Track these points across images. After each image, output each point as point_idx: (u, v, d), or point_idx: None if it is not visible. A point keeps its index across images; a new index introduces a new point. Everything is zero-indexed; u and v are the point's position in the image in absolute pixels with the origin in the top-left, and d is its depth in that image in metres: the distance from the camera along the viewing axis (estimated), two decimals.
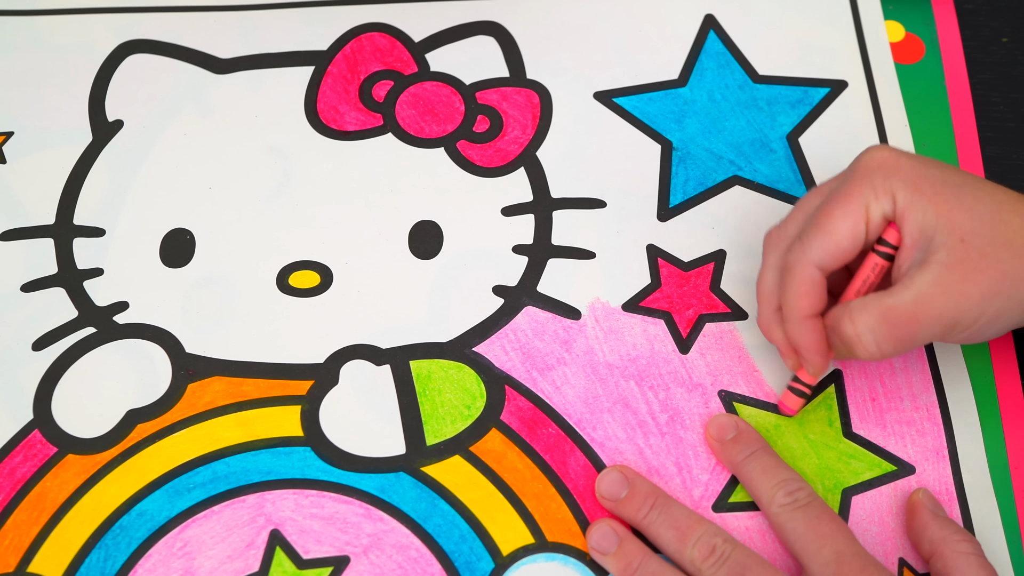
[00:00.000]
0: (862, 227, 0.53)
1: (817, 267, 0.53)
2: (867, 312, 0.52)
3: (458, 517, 0.56)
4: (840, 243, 0.53)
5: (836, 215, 0.53)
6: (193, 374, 0.59)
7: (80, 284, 0.61)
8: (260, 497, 0.56)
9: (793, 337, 0.55)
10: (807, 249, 0.53)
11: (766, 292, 0.56)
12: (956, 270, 0.51)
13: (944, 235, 0.51)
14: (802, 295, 0.54)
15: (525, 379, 0.59)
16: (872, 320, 0.52)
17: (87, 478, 0.56)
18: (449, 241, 0.63)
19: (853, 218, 0.53)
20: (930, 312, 0.51)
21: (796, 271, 0.54)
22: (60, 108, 0.66)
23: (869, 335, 0.52)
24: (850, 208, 0.53)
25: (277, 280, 0.61)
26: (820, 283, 0.54)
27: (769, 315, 0.56)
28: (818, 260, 0.53)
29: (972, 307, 0.51)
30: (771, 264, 0.56)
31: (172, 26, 0.69)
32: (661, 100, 0.67)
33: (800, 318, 0.54)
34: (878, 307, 0.52)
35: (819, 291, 0.54)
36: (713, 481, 0.57)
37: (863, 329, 0.52)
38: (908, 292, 0.51)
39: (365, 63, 0.68)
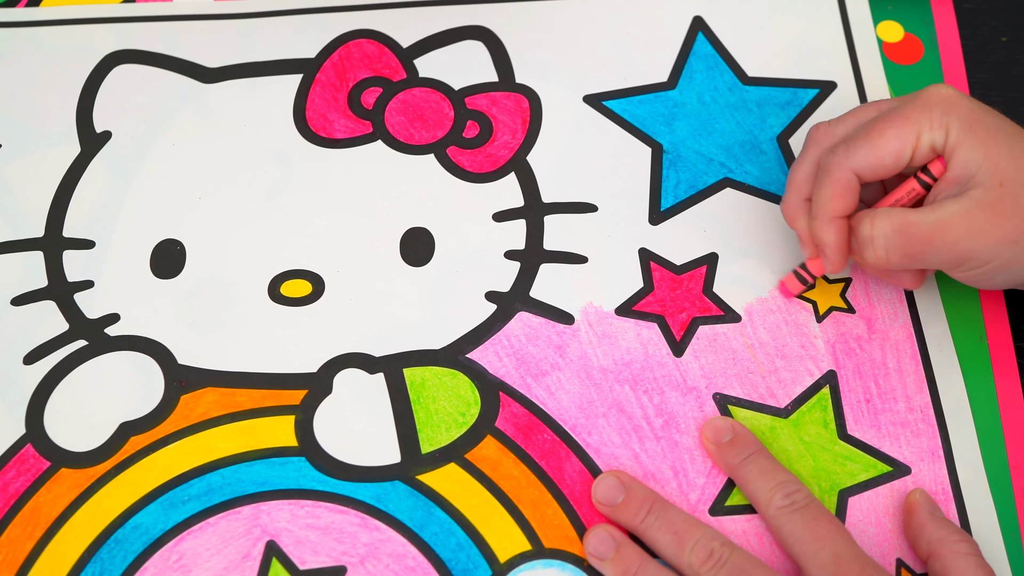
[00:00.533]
0: (909, 151, 0.55)
1: (856, 173, 0.55)
2: (888, 219, 0.54)
3: (454, 525, 0.55)
4: (884, 159, 0.55)
5: (888, 132, 0.55)
6: (186, 385, 0.58)
7: (71, 297, 0.61)
8: (255, 508, 0.56)
9: (818, 234, 0.57)
10: (851, 154, 0.55)
11: (799, 181, 0.58)
12: (986, 209, 0.53)
13: (986, 175, 0.53)
14: (835, 196, 0.55)
15: (519, 385, 0.59)
16: (890, 227, 0.54)
17: (81, 492, 0.56)
18: (441, 248, 0.62)
19: (903, 140, 0.55)
20: (946, 238, 0.53)
21: (834, 172, 0.55)
22: (48, 120, 0.66)
23: (882, 239, 0.54)
24: (905, 130, 0.54)
25: (269, 289, 0.61)
26: (855, 188, 0.55)
27: (796, 203, 0.58)
28: (858, 167, 0.55)
29: (989, 247, 0.53)
30: (810, 157, 0.58)
31: (160, 36, 0.68)
32: (651, 103, 0.67)
33: (829, 218, 0.56)
34: (900, 218, 0.54)
35: (852, 195, 0.56)
36: (710, 484, 0.57)
37: (878, 232, 0.54)
38: (933, 214, 0.53)
39: (353, 70, 0.67)
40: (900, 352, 0.60)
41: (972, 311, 0.61)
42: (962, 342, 0.60)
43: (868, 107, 0.58)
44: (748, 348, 0.60)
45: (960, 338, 0.61)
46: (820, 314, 0.61)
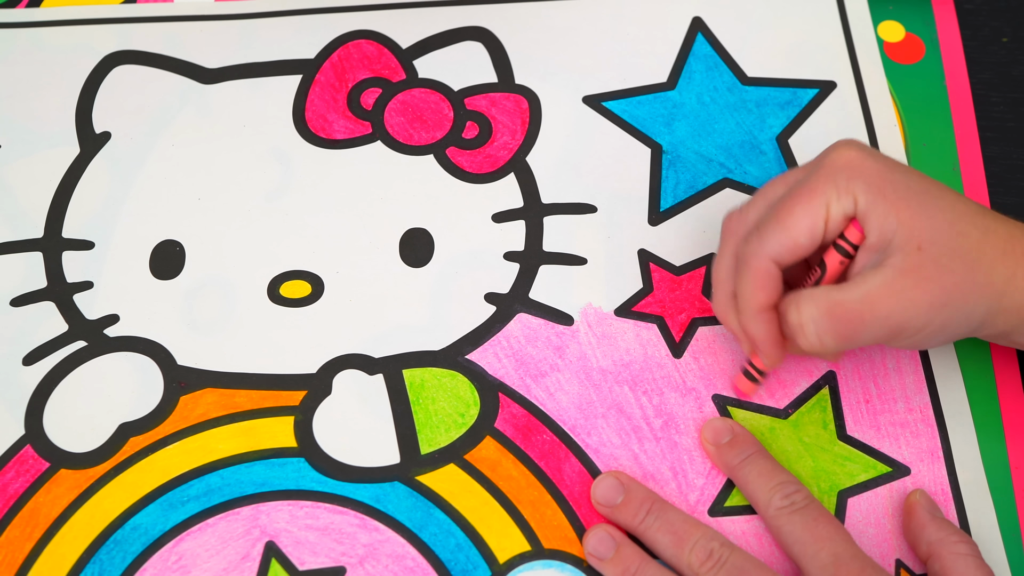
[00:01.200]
0: (821, 225, 0.52)
1: (773, 261, 0.53)
2: (814, 303, 0.52)
3: (454, 526, 0.55)
4: (798, 239, 0.52)
5: (797, 211, 0.52)
6: (185, 386, 0.58)
7: (70, 297, 0.61)
8: (255, 509, 0.56)
9: (747, 328, 0.55)
10: (764, 242, 0.53)
11: (722, 279, 0.56)
12: (909, 276, 0.51)
13: (902, 240, 0.51)
14: (757, 288, 0.53)
15: (519, 386, 0.59)
16: (817, 311, 0.52)
17: (80, 493, 0.56)
18: (440, 249, 0.62)
19: (813, 216, 0.52)
20: (876, 313, 0.51)
21: (752, 263, 0.53)
22: (47, 120, 0.66)
23: (812, 325, 0.52)
24: (812, 205, 0.52)
25: (268, 290, 0.61)
26: (776, 276, 0.53)
27: (724, 301, 0.56)
28: (775, 254, 0.53)
29: (919, 315, 0.51)
30: (728, 251, 0.56)
31: (159, 37, 0.68)
32: (650, 104, 0.67)
33: (755, 311, 0.54)
34: (826, 300, 0.51)
35: (774, 284, 0.53)
36: (709, 485, 0.57)
37: (807, 319, 0.52)
38: (858, 290, 0.51)
39: (353, 71, 0.67)
40: (899, 352, 0.60)
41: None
42: (962, 342, 0.60)
43: (776, 183, 0.56)
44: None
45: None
46: None
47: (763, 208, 0.55)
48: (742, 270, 0.54)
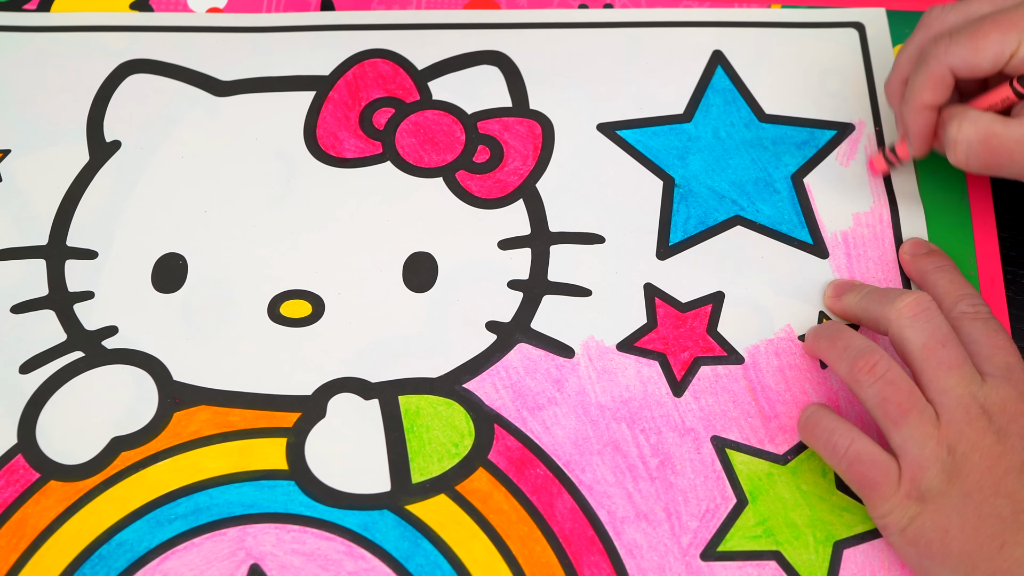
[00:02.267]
0: (1007, 57, 0.55)
1: (951, 69, 0.56)
2: (976, 126, 0.55)
3: (441, 558, 0.55)
4: (981, 61, 0.55)
5: (992, 36, 0.55)
6: (179, 402, 0.58)
7: (70, 307, 0.61)
8: (241, 530, 0.55)
9: (906, 118, 0.59)
10: (950, 50, 0.56)
11: (902, 63, 0.60)
12: None
13: None
14: (927, 87, 0.57)
15: (515, 418, 0.58)
16: (975, 135, 0.55)
17: (68, 505, 0.56)
18: (444, 274, 0.62)
19: (1004, 45, 0.55)
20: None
21: (931, 64, 0.57)
22: (58, 127, 0.66)
23: (964, 145, 0.56)
24: (1008, 36, 0.55)
25: (268, 309, 0.61)
26: (948, 83, 0.57)
27: (896, 84, 0.60)
28: (955, 64, 0.56)
29: None
30: (917, 41, 0.59)
31: (174, 47, 0.68)
32: (665, 135, 0.66)
33: (919, 107, 0.58)
34: (987, 127, 0.55)
35: (944, 89, 0.57)
36: (702, 528, 0.56)
37: (963, 137, 0.55)
38: (1019, 129, 0.54)
39: (367, 89, 0.67)
40: None
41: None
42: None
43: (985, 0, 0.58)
44: (750, 391, 0.59)
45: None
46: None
47: (963, 18, 0.58)
48: (920, 67, 0.57)
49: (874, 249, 0.63)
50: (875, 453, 0.53)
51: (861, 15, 0.70)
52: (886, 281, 0.62)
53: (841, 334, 0.56)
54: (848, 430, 0.54)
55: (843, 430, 0.54)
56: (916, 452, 0.52)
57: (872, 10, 0.70)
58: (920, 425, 0.52)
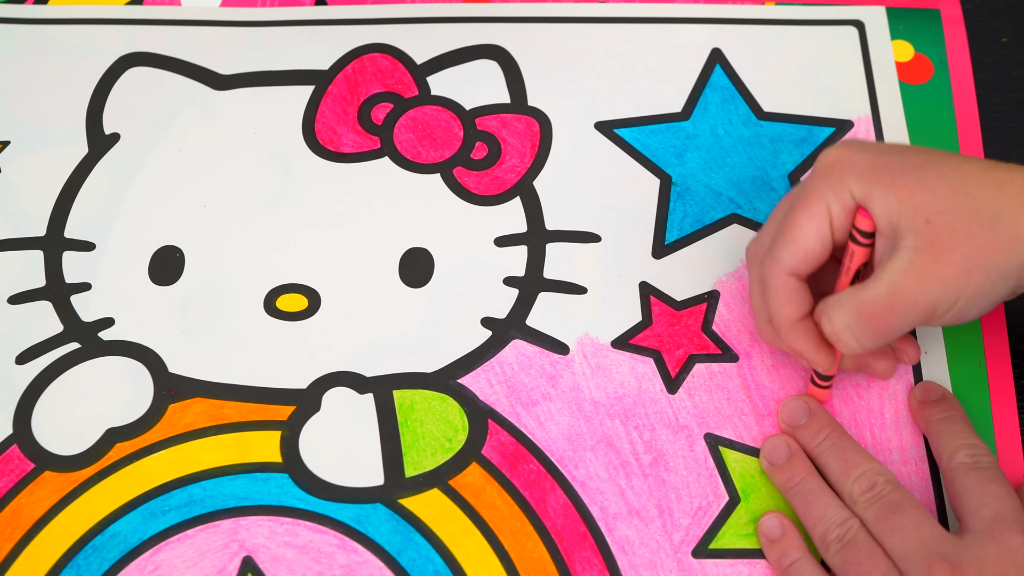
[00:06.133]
0: (827, 227, 0.52)
1: (791, 275, 0.53)
2: (843, 309, 0.52)
3: (433, 552, 0.55)
4: (809, 247, 0.53)
5: (800, 220, 0.53)
6: (175, 394, 0.58)
7: (67, 298, 0.61)
8: (235, 523, 0.55)
9: (789, 344, 0.55)
10: (777, 259, 0.53)
11: (757, 307, 0.57)
12: (926, 253, 0.50)
13: (909, 219, 0.50)
14: (784, 304, 0.54)
15: (509, 413, 0.58)
16: (848, 316, 0.51)
17: (63, 496, 0.56)
18: (440, 270, 0.62)
19: (816, 220, 0.52)
20: (905, 300, 0.50)
21: (771, 282, 0.54)
22: (58, 119, 0.66)
23: (847, 331, 0.52)
24: (811, 211, 0.52)
25: (264, 302, 0.61)
26: (797, 289, 0.54)
27: (766, 327, 0.56)
28: (791, 267, 0.53)
29: (948, 289, 0.50)
30: (755, 279, 0.56)
31: (174, 39, 0.68)
32: (663, 133, 0.66)
33: (789, 326, 0.54)
34: (853, 302, 0.51)
35: (799, 297, 0.54)
36: (694, 526, 0.56)
37: (840, 326, 0.52)
38: (881, 284, 0.51)
39: (366, 84, 0.67)
40: (898, 403, 0.59)
41: (976, 370, 0.60)
42: (964, 399, 0.59)
43: (782, 202, 0.56)
44: (743, 389, 0.59)
45: (962, 396, 0.59)
46: None
47: (774, 229, 0.55)
48: (766, 291, 0.54)
49: None
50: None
51: (861, 13, 0.70)
52: None
53: (817, 500, 0.54)
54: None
55: None
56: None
57: (872, 8, 0.70)
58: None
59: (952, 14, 0.70)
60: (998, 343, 0.60)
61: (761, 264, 0.54)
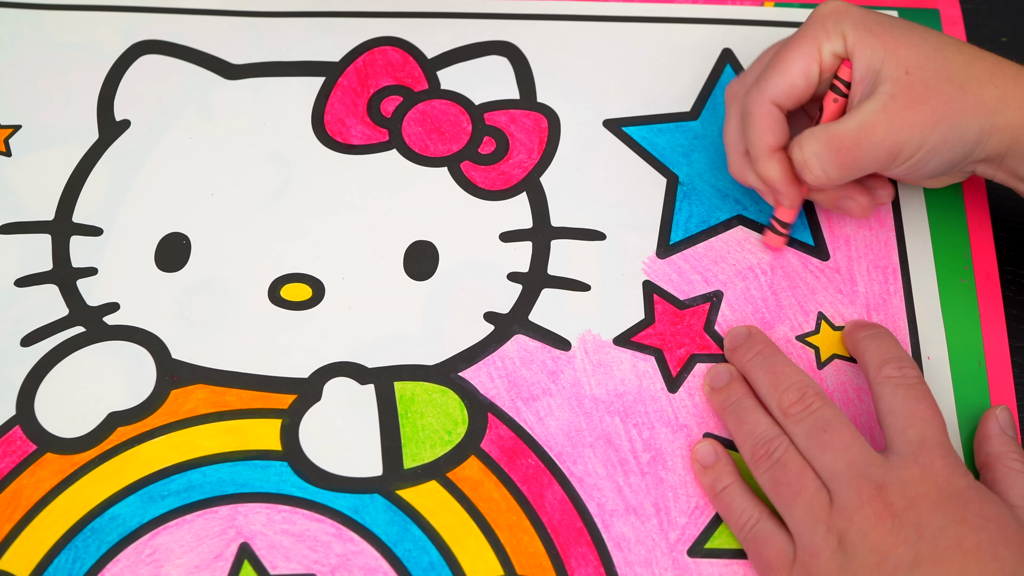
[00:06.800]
0: (815, 66, 0.57)
1: (775, 104, 0.57)
2: (814, 138, 0.55)
3: (429, 543, 0.55)
4: (795, 81, 0.57)
5: (791, 56, 0.57)
6: (177, 380, 0.59)
7: (73, 282, 0.61)
8: (233, 509, 0.56)
9: (763, 173, 0.58)
10: (764, 88, 0.57)
11: (732, 139, 0.60)
12: (900, 99, 0.54)
13: (891, 68, 0.55)
14: (764, 132, 0.57)
15: (509, 408, 0.59)
16: (818, 145, 0.55)
17: (63, 478, 0.56)
18: (444, 263, 0.62)
19: (807, 58, 0.56)
20: (873, 138, 0.54)
21: (755, 110, 0.57)
22: (69, 104, 0.66)
23: (815, 159, 0.55)
24: (804, 49, 0.56)
25: (269, 291, 0.61)
26: (779, 118, 0.57)
27: (738, 160, 0.60)
28: (775, 97, 0.57)
29: (914, 134, 0.54)
30: (734, 113, 0.60)
31: (185, 28, 0.69)
32: (671, 132, 0.66)
33: (767, 154, 0.57)
34: (825, 133, 0.55)
35: (779, 126, 0.57)
36: (691, 525, 0.56)
37: (809, 154, 0.55)
38: (853, 120, 0.55)
39: (376, 77, 0.67)
40: None
41: (977, 372, 0.60)
42: (964, 400, 0.59)
43: (769, 49, 0.60)
44: None
45: (963, 395, 0.59)
46: (821, 361, 0.60)
47: (759, 69, 0.59)
48: (748, 120, 0.58)
49: (875, 251, 0.63)
50: (774, 535, 0.53)
51: None
52: (885, 283, 0.62)
53: (748, 417, 0.56)
54: (755, 507, 0.54)
55: (751, 508, 0.54)
56: (807, 538, 0.51)
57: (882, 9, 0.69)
58: (809, 509, 0.51)
59: (951, 14, 0.70)
60: (998, 343, 0.60)
61: (747, 95, 0.58)
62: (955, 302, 0.62)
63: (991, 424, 0.57)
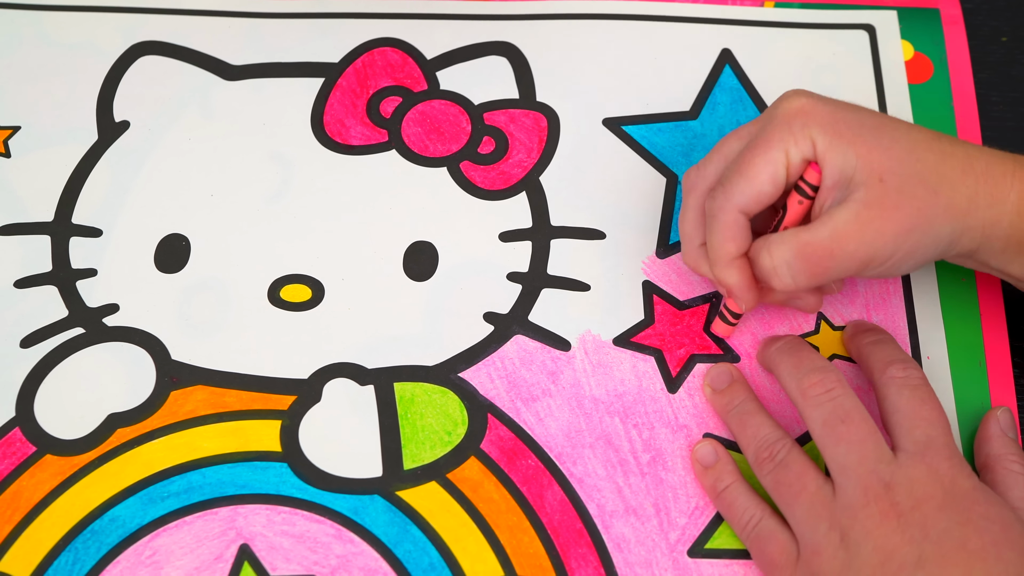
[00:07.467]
0: (782, 172, 0.54)
1: (741, 212, 0.54)
2: (785, 245, 0.53)
3: (429, 544, 0.55)
4: (762, 188, 0.54)
5: (757, 161, 0.54)
6: (177, 381, 0.59)
7: (73, 284, 0.61)
8: (233, 510, 0.56)
9: (722, 279, 0.56)
10: (730, 195, 0.54)
11: (689, 231, 0.58)
12: (874, 208, 0.52)
13: (863, 175, 0.52)
14: (727, 239, 0.55)
15: (509, 408, 0.58)
16: (789, 253, 0.53)
17: (63, 479, 0.56)
18: (444, 264, 0.62)
19: (774, 164, 0.54)
20: (846, 248, 0.53)
21: (720, 217, 0.55)
22: (68, 105, 0.66)
23: (785, 267, 0.54)
24: (771, 155, 0.54)
25: (269, 292, 0.61)
26: (744, 226, 0.55)
27: (695, 253, 0.58)
28: (741, 205, 0.54)
29: (887, 244, 0.53)
30: (692, 206, 0.58)
31: (185, 29, 0.69)
32: (671, 132, 0.66)
33: (727, 261, 0.55)
34: (796, 241, 0.53)
35: (743, 234, 0.55)
36: (691, 525, 0.56)
37: (779, 262, 0.54)
38: (826, 228, 0.53)
39: (375, 78, 0.67)
40: None
41: (977, 372, 0.60)
42: (964, 400, 0.59)
43: (730, 139, 0.57)
44: None
45: (963, 395, 0.59)
46: None
47: (721, 164, 0.57)
48: (711, 224, 0.55)
49: None
50: (777, 533, 0.53)
51: (872, 17, 0.70)
52: (885, 283, 0.62)
53: (751, 420, 0.56)
54: (757, 506, 0.54)
55: (753, 507, 0.54)
56: (809, 536, 0.51)
57: (883, 12, 0.70)
58: (811, 507, 0.51)
59: (952, 13, 0.70)
60: (998, 343, 0.60)
61: (711, 197, 0.55)
62: (955, 302, 0.62)
63: (992, 426, 0.57)
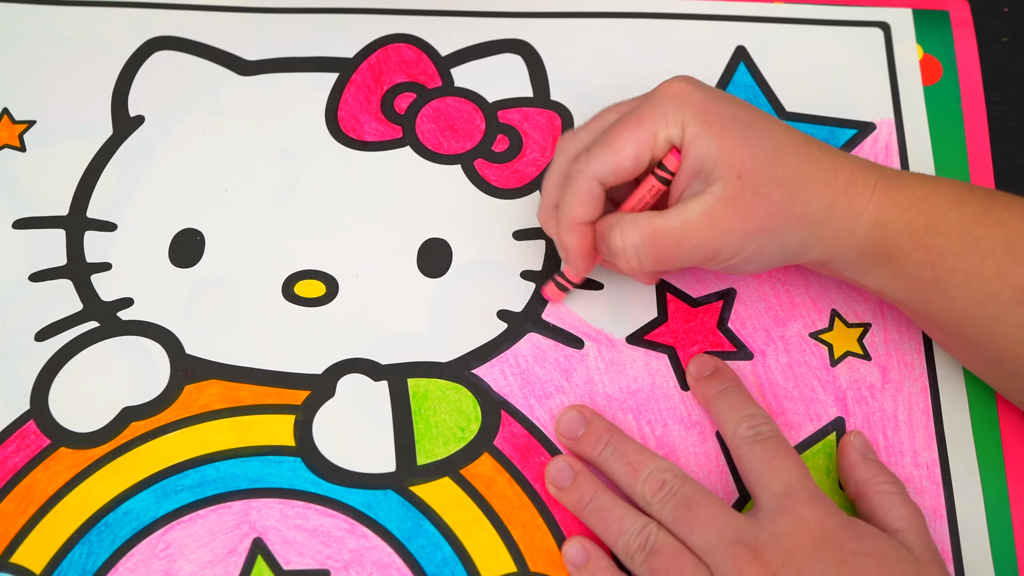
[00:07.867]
0: (647, 151, 0.54)
1: (597, 180, 0.55)
2: (637, 229, 0.54)
3: (442, 539, 0.55)
4: (623, 163, 0.54)
5: (625, 136, 0.54)
6: (191, 375, 0.59)
7: (87, 277, 0.61)
8: (246, 504, 0.56)
9: (563, 239, 0.57)
10: (591, 162, 0.55)
11: (549, 190, 0.58)
12: (728, 204, 0.53)
13: (723, 169, 0.53)
14: (578, 203, 0.55)
15: (522, 405, 0.59)
16: (639, 237, 0.54)
17: (77, 472, 0.56)
18: (458, 261, 0.62)
19: (640, 142, 0.54)
20: (693, 240, 0.53)
21: (576, 180, 0.55)
22: (84, 100, 0.66)
23: (633, 250, 0.54)
24: (640, 132, 0.54)
25: (283, 287, 0.61)
26: (598, 195, 0.55)
27: (548, 211, 0.58)
28: (599, 174, 0.55)
29: (732, 242, 0.53)
30: (558, 166, 0.58)
31: (198, 24, 0.69)
32: None
33: (572, 224, 0.56)
34: (648, 226, 0.54)
35: (595, 202, 0.55)
36: None
37: (629, 243, 0.54)
38: (678, 217, 0.53)
39: (390, 74, 0.67)
40: (912, 406, 0.59)
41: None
42: (977, 403, 0.59)
43: (610, 110, 0.58)
44: (757, 387, 0.59)
45: (976, 399, 0.59)
46: (835, 358, 0.60)
47: (594, 132, 0.57)
48: (567, 186, 0.56)
49: None
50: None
51: (887, 15, 0.70)
52: None
53: (610, 515, 0.54)
54: None
55: None
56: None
57: (898, 10, 0.70)
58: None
59: (961, 15, 0.70)
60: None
61: (574, 160, 0.56)
62: None
63: (850, 452, 0.56)
